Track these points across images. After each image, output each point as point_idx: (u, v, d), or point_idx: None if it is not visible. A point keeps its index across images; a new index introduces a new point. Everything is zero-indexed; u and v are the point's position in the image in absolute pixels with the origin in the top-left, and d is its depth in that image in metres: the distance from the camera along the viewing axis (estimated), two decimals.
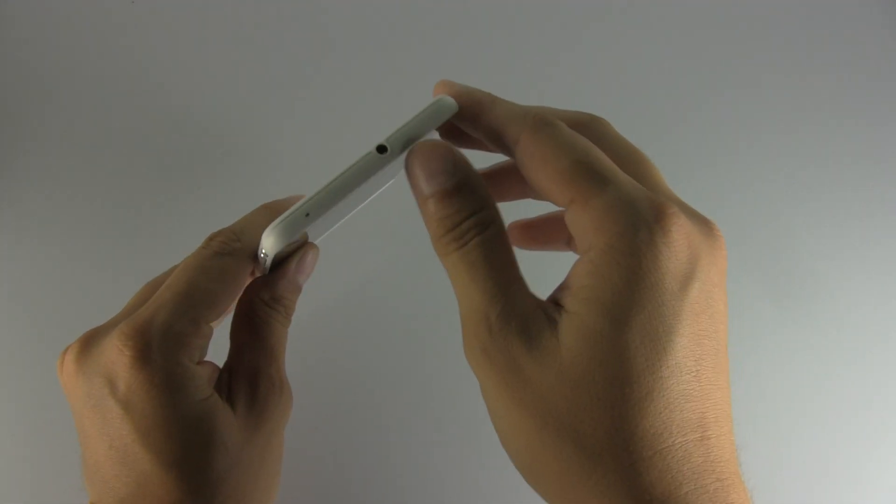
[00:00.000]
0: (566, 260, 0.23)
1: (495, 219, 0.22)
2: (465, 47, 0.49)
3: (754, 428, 0.41)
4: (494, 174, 0.28)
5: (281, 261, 0.29)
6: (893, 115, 0.49)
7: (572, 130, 0.22)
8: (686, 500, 0.19)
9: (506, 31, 0.49)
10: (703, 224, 0.21)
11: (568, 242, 0.28)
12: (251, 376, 0.28)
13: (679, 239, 0.19)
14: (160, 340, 0.25)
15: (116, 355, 0.24)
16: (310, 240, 0.29)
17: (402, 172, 0.25)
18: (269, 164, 0.44)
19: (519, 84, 0.48)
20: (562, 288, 0.21)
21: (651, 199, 0.20)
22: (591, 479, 0.19)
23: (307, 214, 0.24)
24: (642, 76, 0.49)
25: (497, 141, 0.23)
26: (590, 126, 0.25)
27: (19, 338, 0.40)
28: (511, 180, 0.28)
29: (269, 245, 0.25)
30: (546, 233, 0.29)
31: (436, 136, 0.25)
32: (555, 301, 0.21)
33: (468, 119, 0.24)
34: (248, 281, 0.29)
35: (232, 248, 0.27)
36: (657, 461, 0.19)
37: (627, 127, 0.47)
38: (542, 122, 0.22)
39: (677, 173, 0.46)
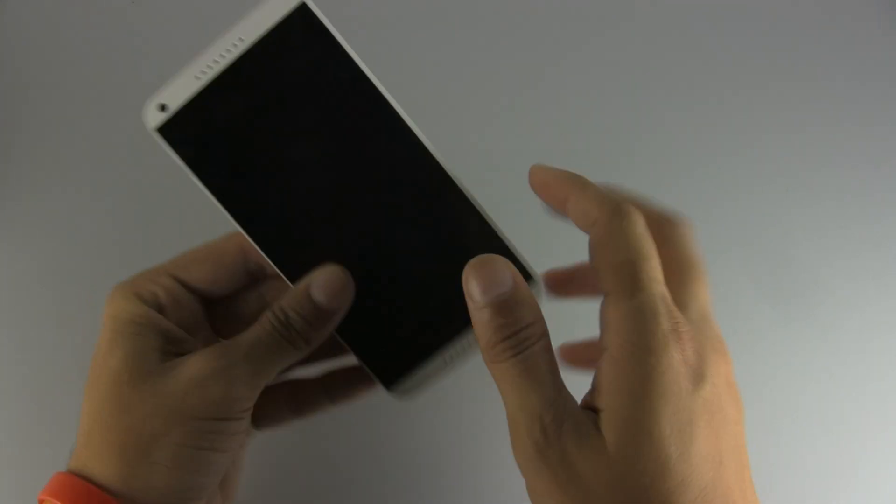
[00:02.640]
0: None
1: (546, 329, 0.24)
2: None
3: (754, 431, 0.41)
4: (574, 272, 0.31)
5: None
6: (895, 117, 0.49)
7: (642, 228, 0.24)
8: None
9: (504, 32, 0.49)
10: (713, 337, 0.24)
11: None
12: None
13: (689, 347, 0.22)
14: (125, 283, 0.29)
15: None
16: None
17: None
18: None
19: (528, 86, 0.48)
20: (592, 391, 0.23)
21: (671, 313, 0.22)
22: None
23: None
24: (641, 78, 0.49)
25: (584, 224, 0.25)
26: (666, 226, 0.27)
27: (18, 339, 0.40)
28: (587, 278, 0.31)
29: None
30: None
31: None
32: (588, 405, 0.23)
33: (559, 200, 0.26)
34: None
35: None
36: None
37: (627, 129, 0.47)
38: (618, 211, 0.24)
39: (677, 175, 0.46)
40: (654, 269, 0.23)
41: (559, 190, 0.26)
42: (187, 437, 0.25)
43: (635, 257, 0.23)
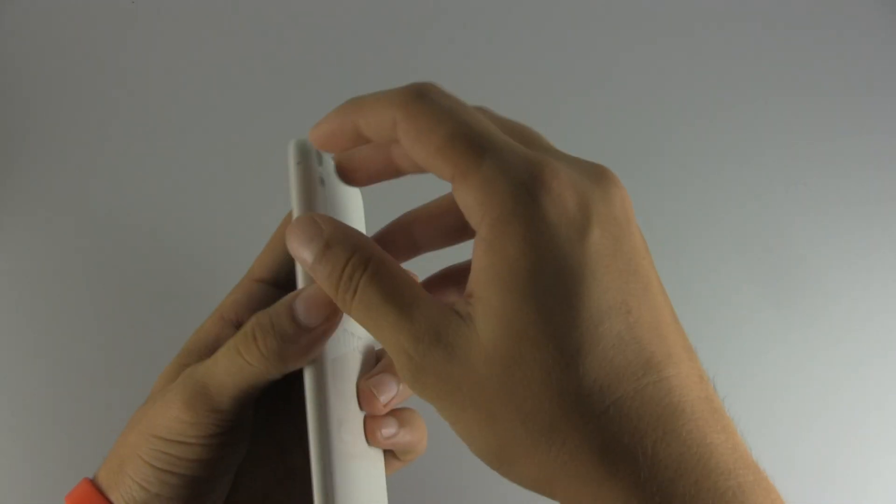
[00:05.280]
0: None
1: (372, 254, 0.21)
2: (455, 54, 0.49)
3: (757, 432, 0.41)
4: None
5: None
6: (892, 117, 0.49)
7: (452, 97, 0.21)
8: (657, 450, 0.18)
9: (501, 34, 0.49)
10: (591, 169, 0.21)
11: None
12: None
13: (562, 190, 0.19)
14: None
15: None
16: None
17: None
18: (275, 178, 0.44)
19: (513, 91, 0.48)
20: (469, 279, 0.20)
21: (527, 160, 0.19)
22: (553, 452, 0.18)
23: None
24: (646, 82, 0.49)
25: (387, 136, 0.21)
26: None
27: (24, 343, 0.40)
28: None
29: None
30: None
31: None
32: (467, 294, 0.20)
33: (352, 139, 0.22)
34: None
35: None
36: (613, 414, 0.18)
37: (629, 128, 0.47)
38: (415, 94, 0.20)
39: (679, 178, 0.46)
40: (488, 125, 0.20)
41: (342, 127, 0.22)
42: (150, 455, 0.25)
43: (460, 126, 0.19)
